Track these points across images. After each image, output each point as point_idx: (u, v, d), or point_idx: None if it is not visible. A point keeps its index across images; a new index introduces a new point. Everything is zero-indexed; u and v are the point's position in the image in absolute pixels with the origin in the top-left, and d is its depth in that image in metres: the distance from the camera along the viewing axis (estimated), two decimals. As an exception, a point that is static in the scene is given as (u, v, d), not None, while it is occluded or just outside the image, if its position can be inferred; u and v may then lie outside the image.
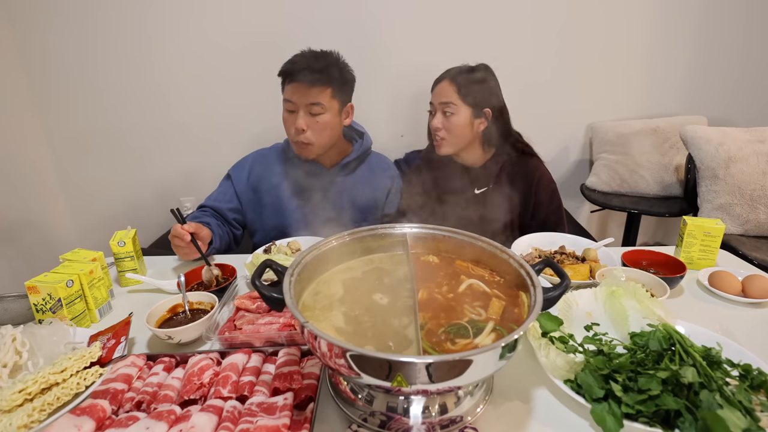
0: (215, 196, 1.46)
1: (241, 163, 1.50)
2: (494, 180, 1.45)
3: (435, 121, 1.41)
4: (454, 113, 1.38)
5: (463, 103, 1.37)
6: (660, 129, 2.12)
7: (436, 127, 1.41)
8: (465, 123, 1.39)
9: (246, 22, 1.92)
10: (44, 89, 1.97)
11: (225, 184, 1.48)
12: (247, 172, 1.47)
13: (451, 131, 1.40)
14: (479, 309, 0.72)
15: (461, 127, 1.39)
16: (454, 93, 1.37)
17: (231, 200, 1.45)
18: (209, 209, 1.42)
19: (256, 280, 0.66)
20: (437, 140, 1.43)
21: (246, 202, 1.46)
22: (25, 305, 0.96)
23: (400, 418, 0.65)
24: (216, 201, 1.44)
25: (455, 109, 1.38)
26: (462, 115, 1.38)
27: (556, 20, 2.02)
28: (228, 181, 1.48)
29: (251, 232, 1.52)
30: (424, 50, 2.00)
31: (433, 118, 1.42)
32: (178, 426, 0.62)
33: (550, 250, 1.24)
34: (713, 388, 0.63)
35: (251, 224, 1.50)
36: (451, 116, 1.38)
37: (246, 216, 1.48)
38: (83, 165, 2.12)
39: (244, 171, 1.47)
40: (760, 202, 1.83)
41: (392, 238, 0.89)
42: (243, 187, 1.46)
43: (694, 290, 1.09)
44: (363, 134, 1.49)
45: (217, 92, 2.02)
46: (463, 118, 1.38)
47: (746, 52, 2.13)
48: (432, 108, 1.44)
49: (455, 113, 1.38)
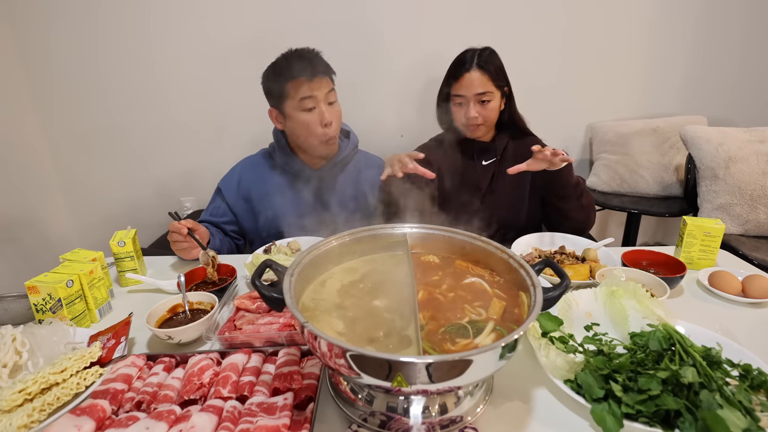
0: (210, 211, 1.46)
1: (228, 174, 1.48)
2: (501, 152, 1.50)
3: (471, 111, 1.40)
4: (491, 100, 1.40)
5: (496, 88, 1.40)
6: (660, 129, 2.12)
7: (473, 116, 1.40)
8: (498, 105, 1.43)
9: (247, 22, 1.92)
10: (44, 89, 1.97)
11: (216, 199, 1.47)
12: (236, 183, 1.45)
13: (487, 117, 1.42)
14: (479, 309, 0.72)
15: (495, 110, 1.43)
16: (488, 81, 1.38)
17: (225, 214, 1.44)
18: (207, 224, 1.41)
19: (256, 280, 0.66)
20: (473, 127, 1.44)
21: (240, 213, 1.45)
22: (25, 305, 0.96)
23: (400, 418, 0.65)
24: (212, 216, 1.44)
25: (491, 96, 1.40)
26: (496, 99, 1.42)
27: (556, 21, 2.02)
28: (219, 196, 1.46)
29: (249, 240, 1.52)
30: (424, 51, 2.00)
31: (467, 109, 1.41)
32: (178, 426, 0.62)
33: (550, 250, 1.24)
34: (713, 388, 0.63)
35: (248, 233, 1.49)
36: (488, 103, 1.40)
37: (242, 226, 1.47)
38: (83, 165, 2.12)
39: (233, 182, 1.45)
40: (760, 202, 1.83)
41: (392, 238, 0.89)
42: (234, 199, 1.44)
43: (694, 290, 1.09)
44: (349, 133, 1.49)
45: (217, 92, 2.02)
46: (497, 101, 1.42)
47: (746, 52, 2.13)
48: (462, 100, 1.42)
49: (491, 100, 1.40)
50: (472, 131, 1.46)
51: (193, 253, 1.19)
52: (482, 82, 1.38)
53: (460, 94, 1.41)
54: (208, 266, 1.10)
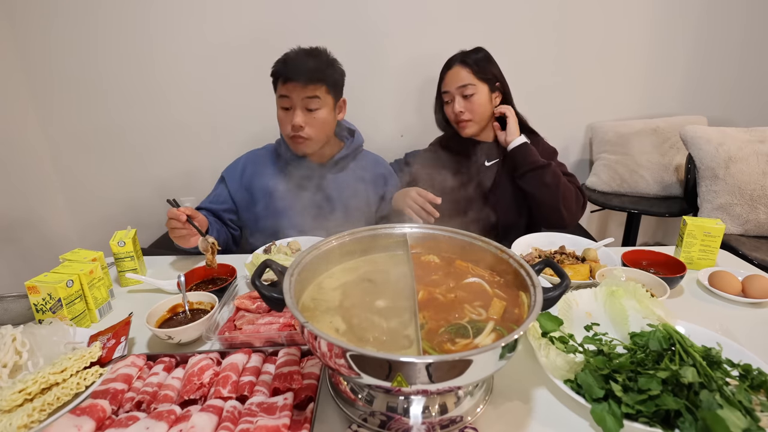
0: (210, 198, 1.47)
1: (234, 164, 1.50)
2: (504, 153, 1.50)
3: (456, 106, 1.43)
4: (474, 93, 1.42)
5: (479, 81, 1.42)
6: (660, 129, 2.12)
7: (459, 111, 1.43)
8: (485, 100, 1.44)
9: (246, 22, 1.92)
10: (44, 89, 1.97)
11: (219, 186, 1.49)
12: (240, 173, 1.47)
13: (474, 111, 1.44)
14: (479, 309, 0.72)
15: (482, 105, 1.44)
16: (468, 74, 1.41)
17: (225, 201, 1.46)
18: (205, 211, 1.42)
19: (256, 280, 0.66)
20: (461, 123, 1.46)
21: (240, 203, 1.47)
22: (25, 305, 0.96)
23: (400, 418, 0.65)
24: (211, 203, 1.45)
25: (474, 89, 1.42)
26: (481, 92, 1.43)
27: (556, 21, 2.02)
28: (222, 183, 1.48)
29: (249, 232, 1.52)
30: (424, 51, 2.00)
31: (453, 104, 1.44)
32: (178, 426, 0.62)
33: (550, 250, 1.24)
34: (713, 388, 0.63)
35: (246, 224, 1.50)
36: (472, 97, 1.42)
37: (241, 216, 1.48)
38: (83, 164, 2.12)
39: (237, 172, 1.47)
40: (760, 202, 1.83)
41: (392, 238, 0.89)
42: (236, 188, 1.46)
43: (694, 290, 1.09)
44: (354, 132, 1.50)
45: (217, 91, 2.02)
46: (483, 95, 1.43)
47: (746, 52, 2.13)
48: (448, 96, 1.46)
49: (475, 92, 1.42)
50: (462, 128, 1.47)
51: (191, 240, 1.17)
52: (463, 76, 1.41)
53: (446, 91, 1.46)
54: (207, 252, 1.09)
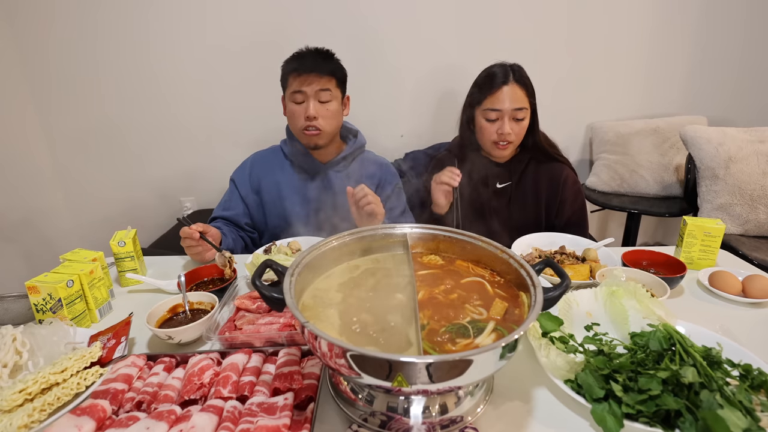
0: (223, 204, 1.49)
1: (241, 166, 1.52)
2: (518, 176, 1.44)
3: (506, 127, 1.32)
4: (525, 117, 1.34)
5: (530, 104, 1.35)
6: (660, 129, 2.12)
7: (508, 132, 1.33)
8: (528, 124, 1.37)
9: (246, 23, 1.92)
10: (44, 89, 1.98)
11: (230, 190, 1.51)
12: (248, 174, 1.49)
13: (519, 135, 1.37)
14: (480, 309, 0.72)
15: (525, 129, 1.37)
16: (524, 96, 1.32)
17: (238, 205, 1.48)
18: (220, 220, 1.45)
19: (256, 280, 0.66)
20: (502, 145, 1.36)
21: (251, 204, 1.49)
22: (25, 305, 0.96)
23: (401, 418, 0.65)
24: (225, 210, 1.47)
25: (525, 113, 1.34)
26: (527, 119, 1.36)
27: (556, 21, 2.02)
28: (232, 186, 1.50)
29: (259, 233, 1.55)
30: (424, 52, 2.00)
31: (501, 124, 1.34)
32: (178, 426, 0.62)
33: (550, 250, 1.24)
34: (713, 388, 0.63)
35: (258, 225, 1.52)
36: (521, 121, 1.34)
37: (253, 218, 1.51)
38: (83, 165, 2.12)
39: (245, 174, 1.49)
40: (760, 202, 1.83)
41: (393, 238, 0.89)
42: (246, 190, 1.48)
43: (694, 290, 1.09)
44: (357, 132, 1.53)
45: (217, 93, 2.02)
46: (527, 122, 1.36)
47: (746, 52, 2.14)
48: (497, 114, 1.34)
49: (526, 117, 1.34)
50: (500, 149, 1.38)
51: (207, 255, 1.21)
52: (519, 96, 1.32)
53: (495, 108, 1.33)
54: (226, 267, 1.10)
